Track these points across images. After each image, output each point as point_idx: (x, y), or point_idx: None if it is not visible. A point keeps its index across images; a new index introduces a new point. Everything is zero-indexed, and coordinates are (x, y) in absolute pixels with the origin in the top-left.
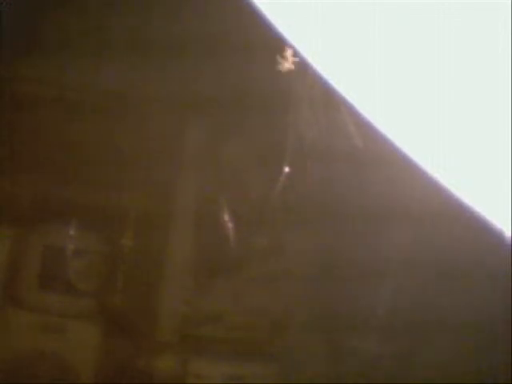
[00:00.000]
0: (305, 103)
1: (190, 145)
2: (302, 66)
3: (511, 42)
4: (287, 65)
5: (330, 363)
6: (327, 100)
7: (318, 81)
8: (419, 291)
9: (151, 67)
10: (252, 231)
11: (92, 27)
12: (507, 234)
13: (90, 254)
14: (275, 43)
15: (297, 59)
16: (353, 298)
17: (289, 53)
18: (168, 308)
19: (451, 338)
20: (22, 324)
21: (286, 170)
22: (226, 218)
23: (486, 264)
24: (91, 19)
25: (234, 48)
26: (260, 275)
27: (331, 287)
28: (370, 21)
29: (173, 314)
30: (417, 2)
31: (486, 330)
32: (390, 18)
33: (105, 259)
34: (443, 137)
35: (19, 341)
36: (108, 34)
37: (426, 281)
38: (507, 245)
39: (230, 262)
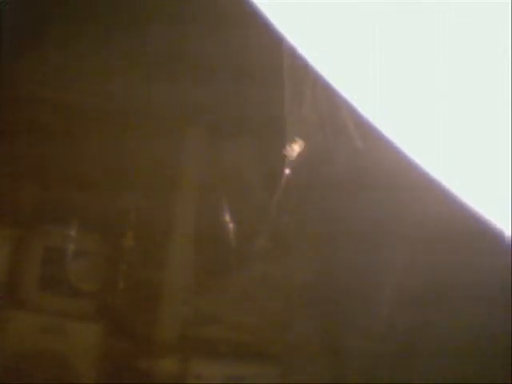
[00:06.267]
0: (306, 105)
1: (190, 146)
2: (304, 68)
3: (511, 42)
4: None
5: (330, 363)
6: (329, 102)
7: (320, 82)
8: (419, 291)
9: (152, 74)
10: (252, 232)
11: (95, 29)
12: (507, 233)
13: (90, 254)
14: (275, 45)
15: (298, 61)
16: (353, 298)
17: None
18: (168, 309)
19: (451, 337)
20: (23, 325)
21: (287, 173)
22: (227, 219)
23: (485, 264)
24: (93, 21)
25: (233, 52)
26: (260, 276)
27: (332, 287)
28: (372, 21)
29: (173, 314)
30: (417, 1)
31: (486, 329)
32: (391, 19)
33: (105, 260)
34: (443, 137)
35: (20, 341)
36: (110, 38)
37: (426, 281)
38: (507, 245)
39: (230, 263)
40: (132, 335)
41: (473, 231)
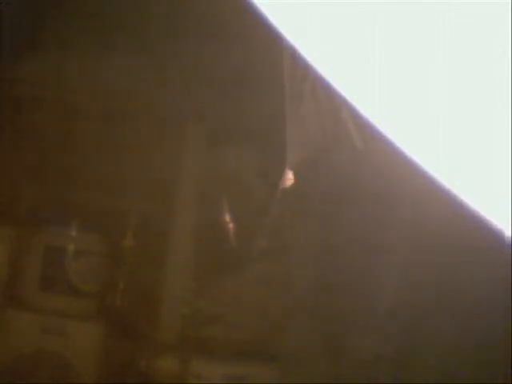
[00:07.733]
0: (306, 105)
1: (191, 147)
2: (304, 68)
3: (511, 42)
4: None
5: (330, 363)
6: (329, 102)
7: (320, 82)
8: (419, 291)
9: (151, 72)
10: (252, 233)
11: (94, 30)
12: (507, 233)
13: (91, 254)
14: (275, 46)
15: (298, 61)
16: (353, 298)
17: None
18: (169, 309)
19: (451, 336)
20: (24, 324)
21: (287, 174)
22: (227, 219)
23: (486, 264)
24: (93, 21)
25: (233, 53)
26: (260, 276)
27: (332, 287)
28: (372, 21)
29: (173, 314)
30: (417, 1)
31: (486, 328)
32: (391, 19)
33: (106, 260)
34: (443, 137)
35: (20, 341)
36: (108, 37)
37: (427, 280)
38: (507, 245)
39: (230, 264)
40: (132, 335)
41: (473, 231)
